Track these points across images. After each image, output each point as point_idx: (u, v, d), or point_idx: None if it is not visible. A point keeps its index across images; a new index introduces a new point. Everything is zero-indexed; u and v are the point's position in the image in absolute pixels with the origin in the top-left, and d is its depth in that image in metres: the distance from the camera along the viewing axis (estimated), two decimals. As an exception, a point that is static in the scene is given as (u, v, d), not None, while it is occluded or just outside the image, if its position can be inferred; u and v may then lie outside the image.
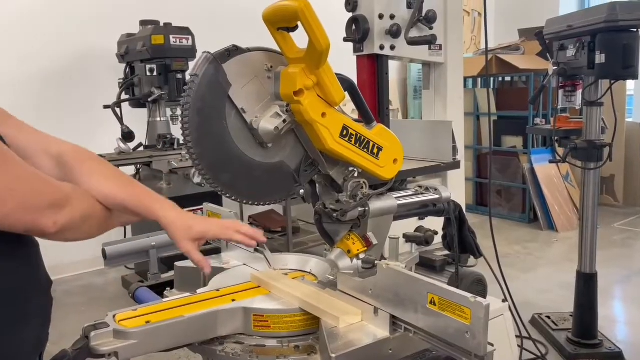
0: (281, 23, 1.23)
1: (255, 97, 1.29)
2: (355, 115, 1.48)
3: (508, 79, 6.34)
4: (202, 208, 3.61)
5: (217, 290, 1.34)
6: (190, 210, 3.93)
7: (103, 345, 1.07)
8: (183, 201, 3.83)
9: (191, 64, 3.89)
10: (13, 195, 0.93)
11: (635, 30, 2.51)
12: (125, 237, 3.92)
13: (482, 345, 0.93)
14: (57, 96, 4.13)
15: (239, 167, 1.30)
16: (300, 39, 1.29)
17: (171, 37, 3.74)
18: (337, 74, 1.30)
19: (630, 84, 5.88)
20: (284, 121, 1.28)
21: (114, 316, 1.15)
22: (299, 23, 1.19)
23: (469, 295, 0.95)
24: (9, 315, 0.99)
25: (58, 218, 1.00)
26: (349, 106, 1.48)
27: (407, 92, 6.74)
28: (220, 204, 3.10)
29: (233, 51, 1.24)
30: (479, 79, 6.24)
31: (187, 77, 3.95)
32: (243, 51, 1.26)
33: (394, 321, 1.12)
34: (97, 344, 1.07)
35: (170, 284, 1.65)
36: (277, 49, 1.30)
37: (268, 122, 1.28)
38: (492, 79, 6.13)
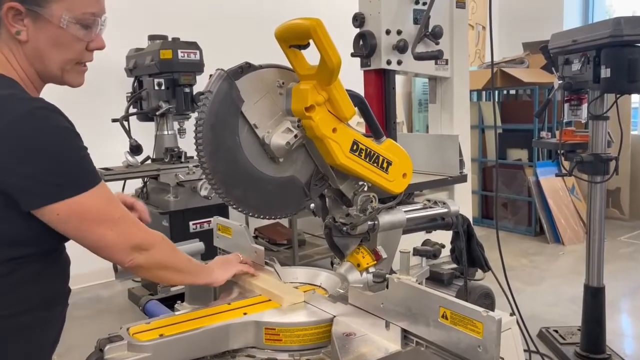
0: (293, 41, 1.26)
1: (267, 112, 1.31)
2: (361, 128, 1.50)
3: (513, 92, 6.36)
4: (209, 221, 3.63)
5: (229, 303, 1.35)
6: (197, 223, 3.92)
7: (117, 358, 1.08)
8: (189, 214, 3.85)
9: (199, 78, 3.93)
10: (116, 227, 1.15)
11: (639, 45, 2.53)
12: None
13: (494, 359, 0.94)
14: (65, 109, 4.13)
15: (251, 181, 1.32)
16: (310, 55, 1.31)
17: (179, 51, 3.78)
18: (347, 90, 1.33)
19: (635, 96, 5.89)
20: (295, 136, 1.30)
21: (127, 329, 1.17)
22: (311, 41, 1.22)
23: (481, 309, 0.96)
24: (42, 319, 1.17)
25: (135, 257, 1.18)
26: (354, 119, 1.50)
27: (412, 105, 6.76)
28: (227, 216, 3.11)
29: (246, 68, 1.27)
30: (484, 92, 6.26)
31: (195, 92, 3.97)
32: (255, 68, 1.29)
33: (406, 335, 1.13)
34: (112, 357, 1.08)
35: (179, 297, 1.66)
36: (289, 65, 1.33)
37: (280, 137, 1.30)
38: (497, 92, 6.15)
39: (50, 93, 1.29)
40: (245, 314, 1.28)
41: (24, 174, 1.06)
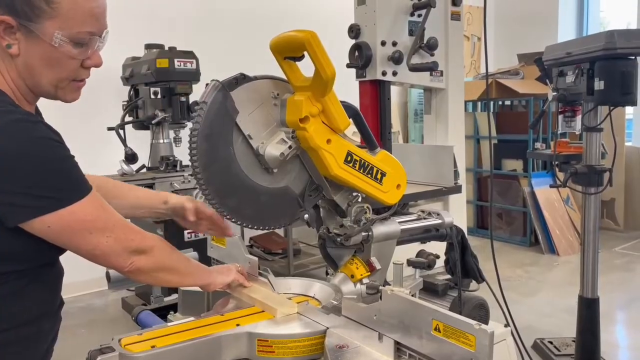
0: (288, 53, 1.26)
1: (262, 123, 1.31)
2: (357, 137, 1.51)
3: (508, 102, 6.40)
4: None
5: (222, 314, 1.34)
6: (191, 232, 3.92)
7: (109, 370, 1.07)
8: (185, 223, 3.81)
9: (195, 87, 3.93)
10: (112, 234, 1.14)
11: (633, 57, 2.55)
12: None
13: (486, 372, 0.94)
14: (61, 117, 4.15)
15: (245, 192, 1.32)
16: (305, 67, 1.32)
17: (176, 60, 3.79)
18: (341, 102, 1.33)
19: (629, 108, 5.93)
20: (290, 147, 1.31)
21: (119, 340, 1.16)
22: (306, 52, 1.23)
23: (473, 322, 0.96)
24: (27, 335, 1.14)
25: (134, 260, 1.18)
26: (349, 128, 1.50)
27: (408, 115, 6.79)
28: (222, 226, 3.09)
29: (241, 79, 1.27)
30: (479, 103, 6.30)
31: (192, 101, 3.96)
32: (250, 79, 1.29)
33: (399, 347, 1.12)
34: (103, 369, 1.08)
35: (172, 307, 1.66)
36: (283, 76, 1.33)
37: (274, 148, 1.30)
38: (492, 102, 6.19)
39: (48, 103, 1.28)
40: (238, 325, 1.28)
41: (5, 188, 1.03)
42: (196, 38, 4.70)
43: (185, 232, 3.63)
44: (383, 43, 2.29)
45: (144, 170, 3.96)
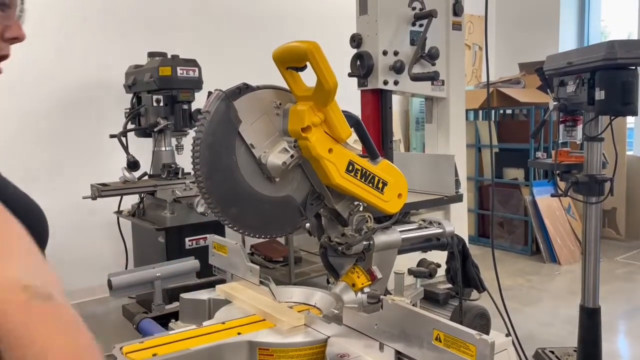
0: (291, 63, 1.28)
1: (264, 133, 1.33)
2: (358, 145, 1.51)
3: (509, 111, 6.41)
4: (205, 237, 3.62)
5: (223, 323, 1.34)
6: (193, 240, 3.91)
7: (110, 378, 1.07)
8: (186, 230, 3.84)
9: (197, 95, 3.95)
10: None
11: (633, 68, 2.56)
12: (127, 267, 3.92)
13: (487, 382, 0.94)
14: (64, 125, 4.20)
15: (247, 200, 1.33)
16: (307, 77, 1.33)
17: (178, 68, 3.81)
18: (343, 111, 1.34)
19: (630, 117, 5.93)
20: (292, 156, 1.31)
21: (121, 348, 1.16)
22: (308, 63, 1.24)
23: (474, 332, 0.96)
24: None
25: None
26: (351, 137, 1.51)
27: (409, 124, 6.81)
28: (223, 233, 3.12)
29: (243, 89, 1.28)
30: (480, 112, 6.31)
31: (194, 108, 3.98)
32: (253, 89, 1.30)
33: (399, 357, 1.12)
34: (104, 377, 1.08)
35: (173, 315, 1.66)
36: (286, 86, 1.34)
37: (276, 157, 1.31)
38: (493, 111, 6.20)
39: (51, 111, 1.29)
40: (239, 333, 1.28)
41: None
42: (199, 46, 4.74)
43: (187, 239, 3.64)
44: (385, 52, 2.30)
45: (146, 177, 3.97)
